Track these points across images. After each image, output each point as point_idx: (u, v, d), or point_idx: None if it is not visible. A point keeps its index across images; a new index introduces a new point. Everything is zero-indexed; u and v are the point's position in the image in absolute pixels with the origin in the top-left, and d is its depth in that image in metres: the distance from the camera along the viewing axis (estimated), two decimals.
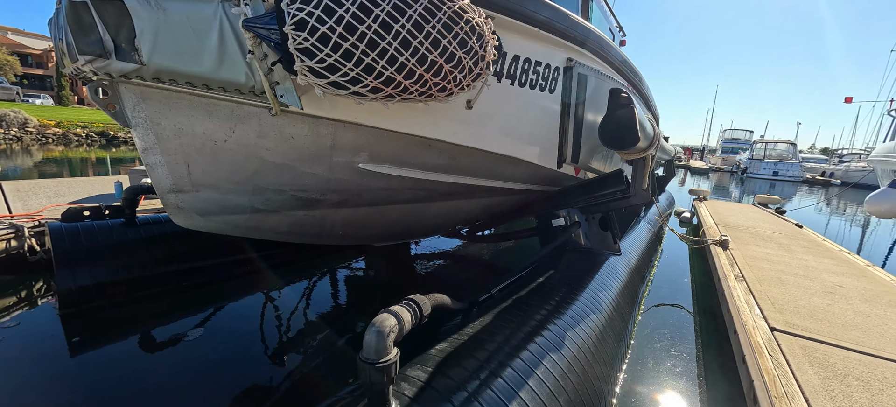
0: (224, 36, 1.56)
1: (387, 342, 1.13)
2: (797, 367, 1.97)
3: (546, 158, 2.92)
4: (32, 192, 5.12)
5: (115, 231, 3.11)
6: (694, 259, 5.46)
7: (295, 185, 2.16)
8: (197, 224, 2.15)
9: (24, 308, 3.09)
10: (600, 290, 2.71)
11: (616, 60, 3.19)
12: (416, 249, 5.29)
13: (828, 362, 2.04)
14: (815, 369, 1.97)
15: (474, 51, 1.62)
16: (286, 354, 2.81)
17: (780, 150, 27.29)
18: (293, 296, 3.73)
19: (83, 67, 1.60)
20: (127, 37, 1.52)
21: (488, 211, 3.52)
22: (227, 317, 3.22)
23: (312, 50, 1.38)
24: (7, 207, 4.14)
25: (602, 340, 2.25)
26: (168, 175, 1.93)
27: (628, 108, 2.40)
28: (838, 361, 2.06)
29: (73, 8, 1.48)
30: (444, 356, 1.54)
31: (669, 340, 3.15)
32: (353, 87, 1.49)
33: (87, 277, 2.86)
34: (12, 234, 3.45)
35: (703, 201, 7.90)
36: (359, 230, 2.85)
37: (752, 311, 2.53)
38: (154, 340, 2.81)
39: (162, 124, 1.80)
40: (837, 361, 2.05)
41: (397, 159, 2.26)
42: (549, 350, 1.80)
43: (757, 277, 3.27)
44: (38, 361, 2.46)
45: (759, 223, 5.97)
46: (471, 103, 2.15)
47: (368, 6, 1.37)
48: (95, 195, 5.29)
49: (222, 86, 1.67)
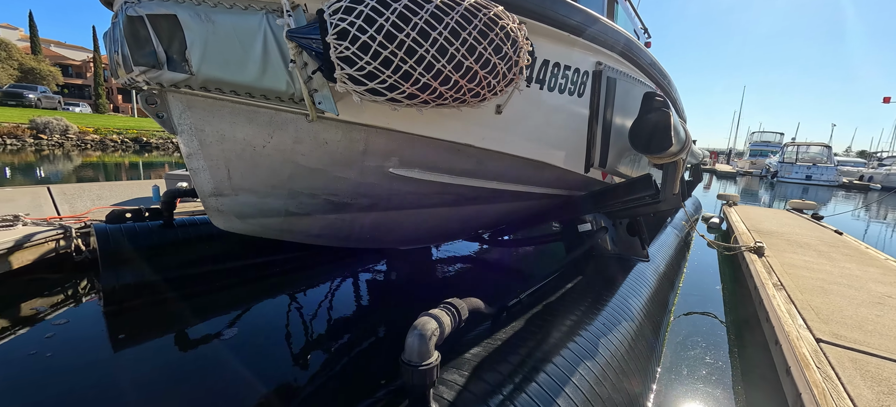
0: (267, 46, 1.62)
1: (429, 345, 1.14)
2: (848, 380, 1.87)
3: (573, 163, 2.90)
4: (77, 195, 5.42)
5: (155, 233, 3.25)
6: (724, 266, 5.27)
7: (327, 189, 2.22)
8: (235, 226, 2.24)
9: (71, 305, 3.26)
10: (630, 296, 2.66)
11: (645, 63, 3.14)
12: (436, 252, 5.31)
13: (881, 376, 1.93)
14: (867, 383, 1.86)
15: (509, 56, 1.63)
16: (310, 354, 2.86)
17: (813, 153, 26.04)
18: (317, 297, 3.80)
19: (137, 78, 1.69)
20: (178, 48, 1.61)
21: (512, 215, 3.51)
22: (255, 317, 3.31)
23: (353, 58, 1.42)
24: (55, 210, 4.39)
25: (634, 346, 2.21)
26: (210, 179, 2.01)
27: (663, 111, 2.35)
28: (893, 375, 1.95)
29: (130, 22, 1.57)
30: (480, 361, 1.54)
31: (703, 348, 3.04)
32: (390, 94, 1.53)
33: (130, 276, 3.01)
34: (61, 234, 3.66)
35: (733, 206, 7.63)
36: (385, 234, 2.89)
37: (795, 321, 2.42)
38: (188, 338, 2.91)
39: (205, 131, 1.88)
40: (892, 375, 1.94)
41: (426, 164, 2.29)
42: (583, 356, 1.78)
43: (797, 285, 3.12)
44: (84, 355, 2.59)
45: (794, 229, 5.71)
46: (500, 108, 2.16)
47: (407, 15, 1.41)
48: (134, 198, 5.55)
49: (264, 93, 1.74)
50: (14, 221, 3.69)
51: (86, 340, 2.77)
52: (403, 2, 1.40)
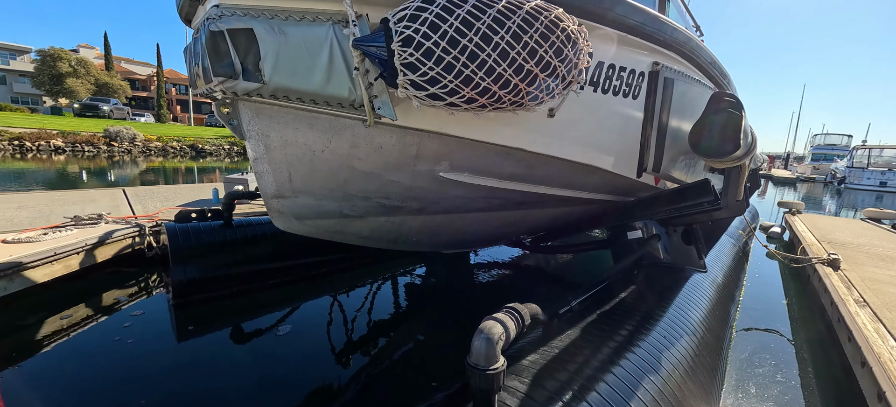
0: (333, 55, 1.70)
1: (496, 350, 1.14)
2: None
3: (625, 167, 2.79)
4: (148, 196, 5.95)
5: (216, 232, 3.50)
6: (788, 279, 4.84)
7: (380, 192, 2.28)
8: (293, 227, 2.35)
9: (143, 297, 3.56)
10: (688, 308, 2.51)
11: (705, 61, 2.97)
12: (475, 257, 5.29)
13: None
14: None
15: (569, 58, 1.61)
16: (352, 354, 2.93)
17: (888, 157, 23.40)
18: (358, 298, 3.89)
19: (215, 88, 1.83)
20: (253, 60, 1.72)
21: (559, 221, 3.43)
22: (302, 315, 3.45)
23: (416, 64, 1.45)
24: (131, 209, 4.84)
25: (697, 361, 2.07)
26: (273, 182, 2.13)
27: (732, 112, 2.21)
28: None
29: (212, 37, 1.71)
30: (539, 368, 1.51)
31: (772, 366, 2.81)
32: (450, 98, 1.55)
33: (195, 271, 3.25)
34: (136, 232, 4.02)
35: (797, 214, 7.01)
36: (432, 237, 2.92)
37: (886, 342, 2.18)
38: (242, 332, 3.08)
39: (270, 136, 2.00)
40: None
41: (476, 168, 2.29)
42: (645, 369, 1.70)
43: (883, 302, 2.80)
44: (155, 342, 2.82)
45: (873, 241, 5.14)
46: (553, 112, 2.13)
47: (471, 20, 1.42)
48: (196, 199, 6.01)
49: (327, 100, 1.82)
50: (98, 219, 4.10)
51: (158, 329, 3.02)
52: (467, 7, 1.42)
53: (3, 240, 3.41)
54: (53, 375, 2.46)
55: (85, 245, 3.53)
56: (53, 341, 2.78)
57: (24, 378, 2.41)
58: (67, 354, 2.66)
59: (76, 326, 2.99)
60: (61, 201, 5.23)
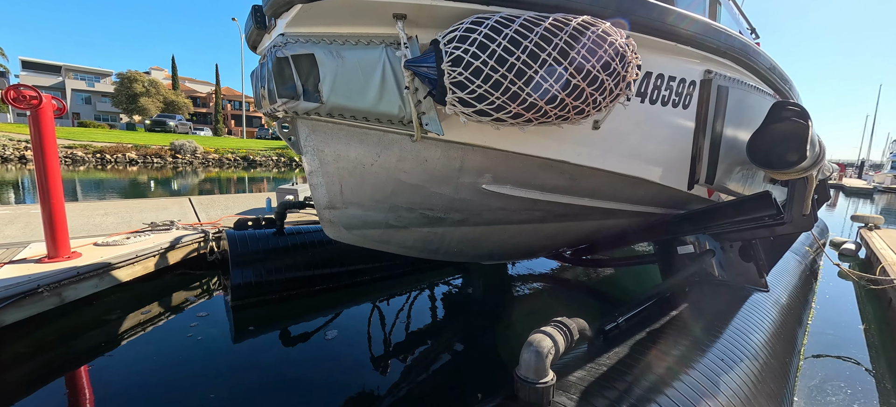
0: (385, 75, 1.81)
1: (545, 363, 1.15)
2: None
3: (675, 179, 2.68)
4: (210, 205, 6.52)
5: (270, 239, 3.76)
6: (865, 302, 4.35)
7: (424, 203, 2.36)
8: (342, 236, 2.49)
9: (206, 298, 3.89)
10: (749, 330, 2.34)
11: (763, 67, 2.80)
12: (512, 269, 5.24)
13: None
14: None
15: (617, 72, 1.60)
16: (390, 360, 3.00)
17: None
18: (397, 307, 3.98)
19: (278, 108, 2.01)
20: (313, 82, 1.88)
21: (602, 233, 3.34)
22: (345, 320, 3.60)
23: (465, 82, 1.52)
24: (196, 217, 5.32)
25: (759, 388, 1.93)
26: (325, 194, 2.27)
27: (797, 121, 2.06)
28: None
29: (278, 62, 1.88)
30: (587, 385, 1.49)
31: (848, 395, 2.55)
32: (496, 114, 1.59)
33: (252, 275, 3.50)
34: (201, 237, 4.41)
35: (874, 230, 6.28)
36: (473, 248, 2.95)
37: None
38: (289, 335, 3.27)
39: (325, 151, 2.15)
40: None
41: (519, 180, 2.31)
42: (701, 392, 1.61)
43: None
44: (214, 343, 3.07)
45: None
46: (598, 124, 2.10)
47: (518, 39, 1.47)
48: (252, 208, 6.50)
49: (378, 117, 1.93)
50: (170, 225, 4.55)
51: (219, 329, 3.29)
52: (515, 26, 1.47)
53: (94, 242, 3.88)
54: (134, 367, 2.75)
55: (160, 249, 3.93)
56: (134, 334, 3.12)
57: (110, 369, 2.72)
58: (144, 349, 2.97)
59: (151, 322, 3.33)
60: (139, 208, 5.86)
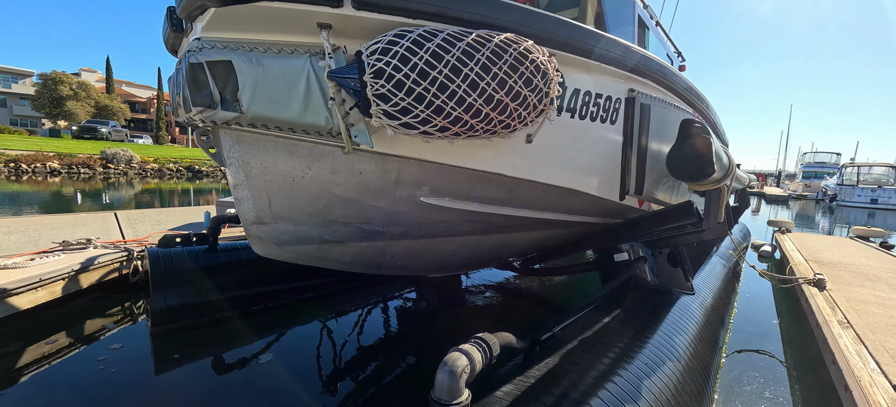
0: (310, 85, 1.74)
1: (459, 383, 1.12)
2: None
3: (607, 190, 2.82)
4: (139, 220, 5.90)
5: (201, 257, 3.47)
6: (780, 299, 4.82)
7: (361, 217, 2.29)
8: (273, 253, 2.34)
9: (128, 323, 3.49)
10: (675, 333, 2.49)
11: (680, 87, 3.05)
12: (466, 281, 5.25)
13: None
14: None
15: (539, 88, 1.65)
16: (340, 381, 2.87)
17: (877, 174, 23.76)
18: (347, 324, 3.83)
19: (194, 117, 1.86)
20: (231, 90, 1.76)
21: (545, 243, 3.43)
22: (289, 342, 3.38)
23: (388, 95, 1.49)
24: (121, 233, 4.81)
25: (682, 389, 2.04)
26: (253, 208, 2.13)
27: (703, 137, 2.26)
28: None
29: (191, 68, 1.75)
30: (512, 400, 1.48)
31: (761, 383, 2.80)
32: (422, 128, 1.58)
33: (176, 297, 3.20)
34: (124, 257, 3.98)
35: (787, 233, 7.04)
36: (416, 261, 2.91)
37: (867, 364, 2.16)
38: (224, 362, 3.01)
39: (251, 163, 2.02)
40: None
41: (457, 193, 2.31)
42: (624, 399, 1.67)
43: (867, 324, 2.79)
44: (132, 375, 2.75)
45: (860, 260, 5.16)
46: (531, 137, 2.16)
47: (440, 53, 1.47)
48: (189, 223, 5.97)
49: (305, 128, 1.85)
50: (87, 244, 4.07)
51: (137, 357, 2.95)
52: (436, 41, 1.47)
53: None
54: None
55: (70, 271, 3.49)
56: (32, 370, 2.71)
57: None
58: (43, 386, 2.59)
59: (56, 355, 2.91)
60: (51, 225, 5.18)
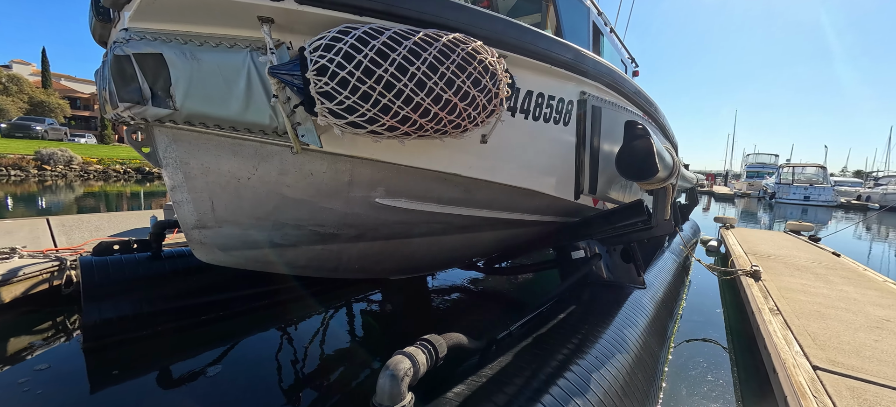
0: (251, 82, 1.65)
1: (401, 387, 1.10)
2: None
3: (563, 190, 2.90)
4: (76, 226, 5.37)
5: (142, 265, 3.22)
6: (725, 290, 5.18)
7: (313, 220, 2.21)
8: (218, 259, 2.21)
9: (62, 339, 3.17)
10: (626, 326, 2.59)
11: (629, 91, 3.20)
12: (432, 282, 5.23)
13: (881, 406, 1.86)
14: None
15: (488, 89, 1.66)
16: (302, 390, 2.76)
17: (809, 173, 26.22)
18: (309, 330, 3.71)
19: (122, 113, 1.72)
20: (163, 85, 1.64)
21: (506, 243, 3.48)
22: (244, 352, 3.21)
23: (332, 93, 1.44)
24: (53, 241, 4.37)
25: (631, 380, 2.13)
26: (193, 212, 2.00)
27: (645, 138, 2.38)
28: (891, 404, 1.88)
29: (117, 61, 1.61)
30: (462, 401, 1.48)
31: (704, 368, 3.01)
32: (370, 127, 1.54)
33: (112, 310, 2.94)
34: (55, 267, 3.62)
35: (730, 229, 7.59)
36: (375, 264, 2.85)
37: (792, 347, 2.35)
38: (171, 376, 2.81)
39: (190, 164, 1.90)
40: (891, 404, 1.87)
41: (413, 193, 2.29)
42: (574, 393, 1.71)
43: (794, 310, 3.05)
44: (63, 394, 2.50)
45: (792, 252, 5.65)
46: (486, 138, 2.18)
47: (386, 51, 1.44)
48: (133, 229, 5.50)
49: (247, 127, 1.76)
50: (10, 253, 3.66)
51: (68, 377, 2.68)
52: (382, 39, 1.44)
53: None
54: None
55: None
56: None
57: None
58: None
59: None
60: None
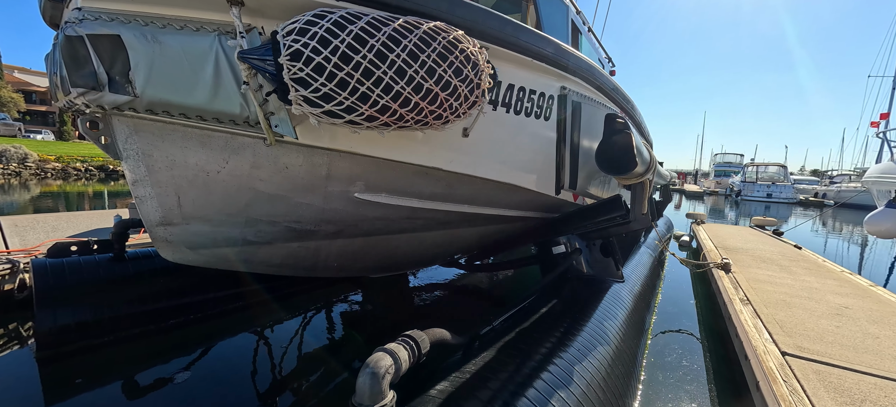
0: (219, 68, 1.56)
1: (382, 385, 1.05)
2: (813, 392, 1.89)
3: (544, 185, 2.91)
4: (30, 226, 4.98)
5: (102, 267, 3.01)
6: (696, 283, 5.38)
7: (289, 216, 2.11)
8: (186, 258, 2.09)
9: (15, 346, 2.92)
10: (606, 319, 2.63)
11: (608, 87, 3.25)
12: (414, 280, 5.17)
13: (843, 387, 1.97)
14: (831, 395, 1.89)
15: (469, 79, 1.63)
16: (278, 395, 2.66)
17: (771, 172, 27.73)
18: (287, 332, 3.58)
19: (76, 100, 1.58)
20: (121, 70, 1.52)
21: (487, 239, 3.47)
22: (217, 357, 3.06)
23: (307, 79, 1.37)
24: (4, 243, 4.03)
25: (611, 371, 2.15)
26: (158, 208, 1.88)
27: (625, 133, 2.41)
28: (853, 385, 1.99)
29: (68, 42, 1.48)
30: (445, 398, 1.44)
31: (679, 362, 3.10)
32: (348, 116, 1.48)
33: (69, 316, 2.74)
34: (7, 270, 3.34)
35: (701, 225, 7.89)
36: (354, 262, 2.77)
37: (762, 335, 2.45)
38: (137, 386, 2.64)
39: (154, 156, 1.77)
40: (852, 386, 1.98)
41: (393, 188, 2.23)
42: (557, 386, 1.71)
43: (762, 300, 3.19)
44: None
45: (758, 245, 5.93)
46: (467, 131, 2.15)
47: (363, 37, 1.38)
48: (95, 229, 5.15)
49: (216, 117, 1.66)
50: None
51: (18, 389, 2.47)
52: (359, 24, 1.39)
53: None
54: None
55: None
56: None
57: None
58: None
59: None
60: None
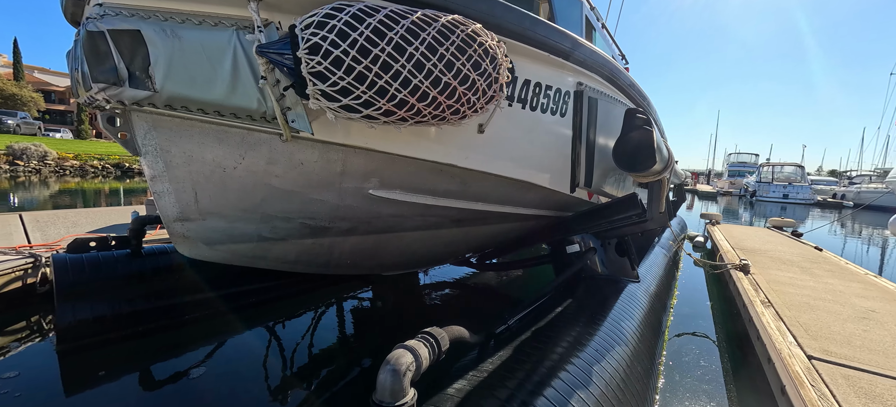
0: (237, 62, 1.56)
1: (403, 383, 1.03)
2: (843, 398, 1.82)
3: (559, 183, 2.86)
4: (51, 222, 5.11)
5: (120, 262, 3.05)
6: (711, 284, 5.26)
7: (304, 212, 2.11)
8: (202, 254, 2.10)
9: (37, 339, 2.99)
10: (623, 319, 2.57)
11: (624, 84, 3.18)
12: (424, 278, 5.15)
13: (875, 392, 1.88)
14: (862, 401, 1.81)
15: (488, 73, 1.60)
16: (290, 390, 2.67)
17: (788, 172, 27.05)
18: (298, 329, 3.60)
19: (96, 96, 1.60)
20: (141, 65, 1.53)
21: (500, 238, 3.44)
22: (230, 352, 3.09)
23: (325, 73, 1.36)
24: (26, 238, 4.13)
25: (630, 372, 2.10)
26: (175, 203, 1.89)
27: (645, 129, 2.35)
28: (886, 391, 1.91)
29: (90, 37, 1.49)
30: (463, 396, 1.42)
31: (696, 363, 3.04)
32: (365, 111, 1.46)
33: (88, 310, 2.78)
34: (29, 264, 3.42)
35: (716, 225, 7.73)
36: (368, 259, 2.77)
37: (786, 338, 2.37)
38: (153, 379, 2.68)
39: (171, 152, 1.78)
40: (885, 391, 1.90)
41: (408, 185, 2.21)
42: (576, 387, 1.67)
43: (784, 302, 3.10)
44: (28, 401, 2.34)
45: (776, 247, 5.78)
46: (483, 127, 2.12)
47: (382, 30, 1.36)
48: (113, 225, 5.25)
49: (234, 112, 1.66)
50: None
51: (39, 382, 2.52)
52: (378, 17, 1.37)
53: None
54: None
55: None
56: None
57: None
58: None
59: None
60: None
